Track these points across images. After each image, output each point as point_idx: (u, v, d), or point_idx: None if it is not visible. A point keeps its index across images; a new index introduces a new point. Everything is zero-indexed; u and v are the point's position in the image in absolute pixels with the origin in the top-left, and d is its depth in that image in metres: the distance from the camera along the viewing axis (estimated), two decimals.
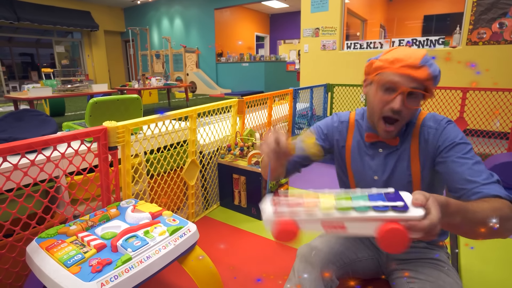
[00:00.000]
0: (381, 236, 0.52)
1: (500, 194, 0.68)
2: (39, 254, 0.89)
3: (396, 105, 0.77)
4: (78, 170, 1.17)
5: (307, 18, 5.28)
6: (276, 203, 0.60)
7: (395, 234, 0.51)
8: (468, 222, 0.61)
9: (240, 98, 2.22)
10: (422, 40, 4.29)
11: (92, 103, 1.52)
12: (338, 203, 0.56)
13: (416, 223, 0.51)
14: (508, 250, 1.66)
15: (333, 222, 0.56)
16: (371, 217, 0.53)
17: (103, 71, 13.03)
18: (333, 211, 0.55)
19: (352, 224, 0.55)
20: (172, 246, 0.98)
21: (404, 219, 0.52)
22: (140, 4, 12.52)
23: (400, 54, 0.78)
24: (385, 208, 0.53)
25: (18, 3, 9.91)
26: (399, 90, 0.77)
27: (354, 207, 0.55)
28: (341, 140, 0.98)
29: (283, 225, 0.57)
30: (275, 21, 13.62)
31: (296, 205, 0.58)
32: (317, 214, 0.56)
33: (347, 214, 0.54)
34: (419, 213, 0.52)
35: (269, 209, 0.60)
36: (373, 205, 0.54)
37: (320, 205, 0.57)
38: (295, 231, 0.57)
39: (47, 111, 5.91)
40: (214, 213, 2.12)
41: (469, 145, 0.78)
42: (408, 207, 0.53)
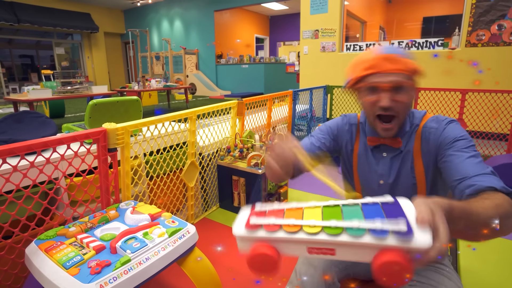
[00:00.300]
0: (378, 269, 0.43)
1: (495, 185, 0.65)
2: (38, 256, 0.89)
3: (383, 102, 0.78)
4: (78, 171, 1.17)
5: (306, 20, 5.29)
6: (252, 225, 0.51)
7: (396, 268, 0.42)
8: (472, 225, 0.56)
9: (239, 100, 2.22)
10: (421, 42, 4.30)
11: (92, 105, 1.52)
12: (326, 222, 0.47)
13: (423, 255, 0.43)
14: (508, 251, 1.66)
15: (320, 246, 0.47)
16: (366, 244, 0.44)
17: (103, 73, 13.05)
18: (320, 234, 0.46)
19: (342, 249, 0.46)
20: (171, 248, 0.98)
21: (409, 249, 0.42)
22: (140, 6, 12.55)
23: (361, 57, 0.83)
24: (385, 233, 0.43)
25: (18, 5, 9.93)
26: (380, 88, 0.78)
27: (346, 228, 0.45)
28: (350, 143, 0.97)
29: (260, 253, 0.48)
30: (275, 23, 13.65)
31: (275, 228, 0.49)
32: (301, 237, 0.47)
33: (337, 237, 0.45)
34: (426, 241, 0.42)
35: (242, 232, 0.51)
36: (370, 228, 0.44)
37: (304, 226, 0.47)
38: (275, 259, 0.48)
39: (46, 112, 5.91)
40: (213, 215, 2.12)
41: (469, 141, 0.77)
42: (412, 230, 0.43)
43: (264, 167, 2.04)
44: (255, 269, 0.50)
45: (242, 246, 0.52)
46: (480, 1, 3.75)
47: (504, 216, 0.58)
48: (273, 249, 0.49)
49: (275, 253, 0.49)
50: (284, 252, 0.49)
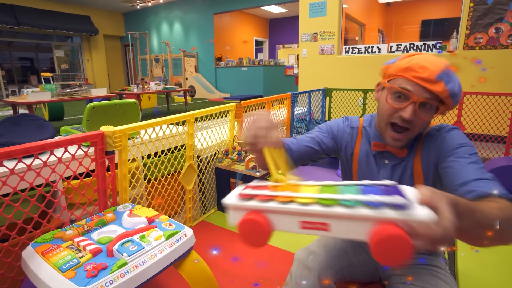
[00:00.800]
0: (375, 243, 0.39)
1: (496, 192, 0.63)
2: (34, 259, 0.89)
3: (406, 114, 0.74)
4: (75, 174, 1.18)
5: (305, 23, 5.31)
6: (244, 195, 0.49)
7: (395, 241, 0.38)
8: (477, 224, 0.52)
9: (238, 103, 2.23)
10: (420, 45, 4.32)
11: (90, 108, 1.52)
12: (321, 194, 0.44)
13: (425, 230, 0.38)
14: (505, 254, 1.66)
15: (313, 219, 0.43)
16: (362, 215, 0.40)
17: (102, 76, 13.07)
18: (314, 205, 0.43)
19: (337, 223, 0.42)
20: (168, 251, 0.98)
21: (408, 220, 0.38)
22: (140, 9, 12.60)
23: (416, 63, 0.73)
24: (382, 204, 0.40)
25: (18, 8, 9.96)
26: (411, 99, 0.74)
27: (340, 199, 0.42)
28: (349, 146, 0.95)
29: (251, 222, 0.46)
30: (274, 25, 13.70)
31: (268, 198, 0.47)
32: (294, 207, 0.44)
33: (331, 208, 0.42)
34: (428, 216, 0.38)
35: (234, 201, 0.49)
36: (366, 200, 0.41)
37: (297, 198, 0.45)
38: (267, 229, 0.46)
39: (46, 115, 5.91)
40: (211, 218, 2.12)
41: (471, 148, 0.75)
42: (410, 204, 0.39)
43: None
44: (246, 237, 0.48)
45: (234, 216, 0.49)
46: (478, 4, 3.77)
47: (508, 220, 0.55)
48: (264, 219, 0.46)
49: (266, 222, 0.46)
50: (276, 225, 0.47)
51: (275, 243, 1.76)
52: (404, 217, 0.38)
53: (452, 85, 0.72)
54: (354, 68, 4.87)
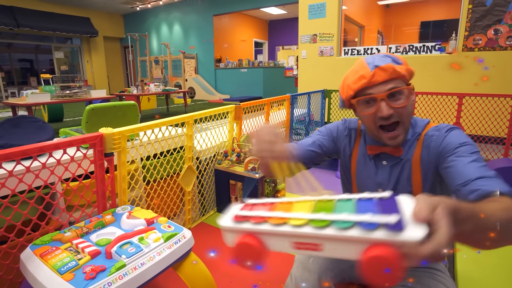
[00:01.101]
0: (364, 265, 0.39)
1: (501, 189, 0.61)
2: (33, 261, 0.89)
3: (383, 112, 0.76)
4: (74, 176, 1.18)
5: (305, 24, 5.32)
6: (239, 218, 0.50)
7: (383, 263, 0.38)
8: (480, 228, 0.50)
9: (237, 104, 2.23)
10: (419, 46, 4.32)
11: (89, 109, 1.52)
12: (313, 215, 0.45)
13: (414, 250, 0.38)
14: (504, 256, 1.66)
15: (305, 240, 0.44)
16: (353, 238, 0.40)
17: (102, 77, 13.08)
18: (305, 226, 0.43)
19: (329, 244, 0.43)
20: (167, 253, 0.98)
21: (398, 242, 0.38)
22: (140, 11, 12.62)
23: (350, 78, 0.81)
24: (373, 225, 0.39)
25: (18, 9, 9.98)
26: (377, 98, 0.77)
27: (333, 220, 0.42)
28: (348, 148, 0.95)
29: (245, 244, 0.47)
30: (274, 27, 13.73)
31: (262, 220, 0.47)
32: (286, 229, 0.45)
33: (323, 230, 0.42)
34: (418, 235, 0.37)
35: (229, 224, 0.50)
36: (358, 220, 0.41)
37: (289, 219, 0.45)
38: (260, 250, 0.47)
39: (45, 117, 5.91)
40: (211, 219, 2.11)
41: (473, 147, 0.74)
42: (403, 225, 0.39)
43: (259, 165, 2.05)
44: (240, 259, 0.49)
45: (229, 238, 0.50)
46: (477, 6, 3.78)
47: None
48: (258, 241, 0.47)
49: (260, 244, 0.47)
50: (270, 246, 0.47)
51: None
52: (394, 238, 0.38)
53: (384, 60, 0.77)
54: None
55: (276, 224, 0.46)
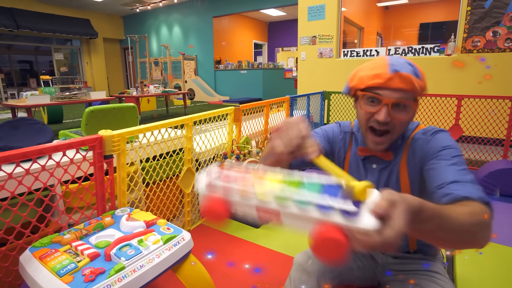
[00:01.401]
0: (314, 242, 0.43)
1: (472, 195, 0.61)
2: (32, 264, 0.89)
3: (380, 116, 0.75)
4: (73, 178, 1.18)
5: (304, 26, 5.34)
6: (213, 175, 0.55)
7: (331, 244, 0.41)
8: (443, 229, 0.52)
9: (236, 106, 2.23)
10: (418, 48, 4.34)
11: (88, 111, 1.53)
12: (280, 190, 0.48)
13: (363, 237, 0.41)
14: (505, 258, 1.67)
15: (268, 210, 0.48)
16: (310, 217, 0.44)
17: (101, 79, 13.09)
18: (270, 199, 0.47)
19: (288, 218, 0.47)
20: (166, 255, 0.98)
21: (350, 228, 0.41)
22: (139, 12, 12.64)
23: (366, 71, 0.78)
24: (330, 209, 0.43)
25: (18, 11, 9.99)
26: (383, 101, 0.75)
27: (295, 200, 0.46)
28: (342, 151, 0.96)
29: (212, 203, 0.52)
30: (273, 29, 13.76)
31: (232, 181, 0.52)
32: (252, 198, 0.49)
33: (285, 206, 0.46)
34: (370, 225, 0.40)
35: (203, 180, 0.55)
36: (318, 203, 0.44)
37: (257, 189, 0.49)
38: (224, 212, 0.52)
39: (45, 118, 5.91)
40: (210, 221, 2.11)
41: (455, 150, 0.74)
42: (359, 214, 0.42)
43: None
44: (208, 218, 0.54)
45: (201, 198, 0.55)
46: (475, 8, 3.79)
47: (478, 225, 0.56)
48: (223, 206, 0.52)
49: (224, 208, 0.52)
50: (235, 209, 0.52)
51: (274, 247, 1.76)
52: (346, 223, 0.41)
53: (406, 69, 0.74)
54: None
55: (244, 196, 0.50)
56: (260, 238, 1.87)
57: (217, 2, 10.45)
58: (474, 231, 0.55)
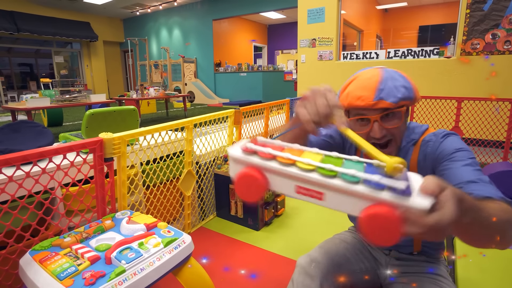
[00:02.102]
0: (364, 220, 0.40)
1: (494, 195, 0.61)
2: (32, 267, 0.88)
3: (375, 134, 0.76)
4: (74, 181, 1.17)
5: (304, 29, 5.35)
6: (248, 150, 0.48)
7: (384, 222, 0.38)
8: (478, 222, 0.50)
9: (236, 109, 2.23)
10: (417, 51, 4.35)
11: (89, 114, 1.53)
12: (322, 164, 0.44)
13: (417, 217, 0.38)
14: (506, 260, 1.66)
15: (309, 186, 0.44)
16: (358, 193, 0.40)
17: (101, 81, 13.11)
18: (313, 172, 0.43)
19: (332, 195, 0.42)
20: (167, 258, 0.97)
21: (402, 205, 0.38)
22: (139, 15, 12.68)
23: (352, 96, 0.77)
24: (381, 186, 0.39)
25: (18, 14, 10.02)
26: (371, 119, 0.76)
27: (341, 172, 0.42)
28: (352, 149, 0.97)
29: (248, 177, 0.46)
30: (273, 31, 13.80)
31: (270, 157, 0.46)
32: (293, 171, 0.44)
33: (330, 180, 0.42)
34: (424, 204, 0.38)
35: (237, 154, 0.48)
36: (366, 178, 0.40)
37: (298, 163, 0.45)
38: (262, 185, 0.46)
39: (45, 121, 5.91)
40: (210, 224, 2.11)
41: (469, 153, 0.74)
42: (410, 191, 0.39)
43: None
44: (241, 191, 0.48)
45: (233, 168, 0.49)
46: (474, 11, 3.81)
47: (509, 223, 0.55)
48: (262, 176, 0.47)
49: (263, 179, 0.47)
50: (272, 184, 0.47)
51: (276, 250, 1.76)
52: (399, 201, 0.38)
53: (393, 95, 0.74)
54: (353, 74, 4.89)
55: (284, 164, 0.45)
56: (262, 241, 1.87)
57: (217, 5, 10.48)
58: (506, 228, 0.54)
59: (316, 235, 1.88)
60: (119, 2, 10.62)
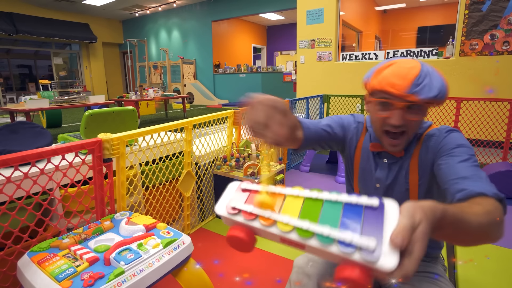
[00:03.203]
0: (337, 278, 0.46)
1: (487, 191, 0.62)
2: (30, 268, 0.88)
3: (395, 120, 0.76)
4: (72, 182, 1.17)
5: (303, 30, 5.36)
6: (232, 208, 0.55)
7: (352, 282, 0.44)
8: (462, 231, 0.53)
9: (236, 110, 2.23)
10: (416, 51, 4.36)
11: (88, 115, 1.52)
12: (300, 222, 0.50)
13: (384, 275, 0.43)
14: (504, 260, 1.66)
15: (290, 241, 0.51)
16: (332, 253, 0.46)
17: (101, 83, 13.10)
18: (292, 233, 0.49)
19: (311, 250, 0.49)
20: (166, 259, 0.97)
21: (370, 266, 0.43)
22: (139, 17, 12.69)
23: (386, 81, 0.75)
24: (352, 247, 0.45)
25: (17, 15, 10.01)
26: (395, 106, 0.75)
27: (316, 233, 0.48)
28: (355, 139, 0.97)
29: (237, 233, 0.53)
30: (272, 32, 13.82)
31: (252, 217, 0.53)
32: (273, 228, 0.51)
33: (307, 240, 0.48)
34: (390, 265, 0.42)
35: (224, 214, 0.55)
36: (339, 238, 0.46)
37: (278, 223, 0.51)
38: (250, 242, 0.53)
39: (43, 122, 5.90)
40: (210, 225, 2.10)
41: (469, 149, 0.74)
42: (380, 251, 0.43)
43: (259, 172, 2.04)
44: (233, 246, 0.55)
45: (225, 222, 0.56)
46: (473, 12, 3.82)
47: (494, 224, 0.57)
48: (249, 233, 0.53)
49: (250, 236, 0.53)
50: (260, 235, 0.54)
51: (274, 250, 1.75)
52: (366, 263, 0.43)
53: (427, 92, 0.72)
54: (352, 75, 4.90)
55: (265, 225, 0.52)
56: (260, 241, 1.85)
57: (216, 7, 10.49)
58: (489, 230, 0.56)
59: None
60: (118, 4, 10.62)
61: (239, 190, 0.59)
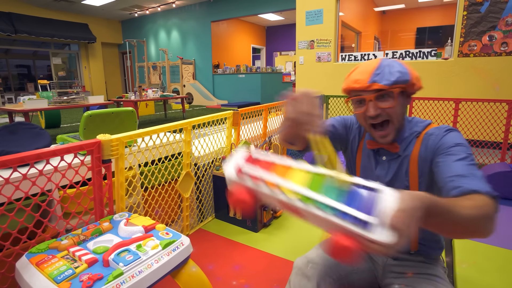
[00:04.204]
0: (328, 244, 0.48)
1: (481, 189, 0.65)
2: (28, 270, 0.87)
3: (369, 112, 0.82)
4: (71, 183, 1.17)
5: (302, 30, 5.36)
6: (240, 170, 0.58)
7: (344, 249, 0.47)
8: (450, 222, 0.57)
9: (235, 110, 2.23)
10: (415, 52, 4.36)
11: (87, 116, 1.52)
12: (305, 189, 0.53)
13: (374, 246, 0.46)
14: (503, 260, 1.66)
15: (292, 207, 0.53)
16: (329, 220, 0.49)
17: (100, 83, 13.08)
18: (295, 199, 0.52)
19: (310, 216, 0.52)
20: (165, 260, 0.97)
21: (363, 237, 0.46)
22: (138, 17, 12.68)
23: (351, 80, 0.85)
24: (348, 217, 0.48)
25: (16, 15, 9.99)
26: (366, 99, 0.82)
27: (318, 201, 0.51)
28: (356, 139, 1.00)
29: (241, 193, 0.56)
30: (271, 33, 13.82)
31: (260, 182, 0.56)
32: (279, 193, 0.53)
33: (307, 207, 0.51)
34: (385, 239, 0.45)
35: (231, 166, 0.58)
36: (338, 208, 0.49)
37: (284, 188, 0.53)
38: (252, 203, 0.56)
39: (42, 123, 5.89)
40: (209, 226, 2.10)
41: (466, 148, 0.76)
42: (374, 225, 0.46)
43: None
44: (234, 206, 0.58)
45: (231, 185, 0.59)
46: (471, 13, 3.83)
47: (483, 218, 0.59)
48: (251, 196, 0.56)
49: (252, 199, 0.56)
50: (262, 198, 0.57)
51: (274, 251, 1.75)
52: (361, 233, 0.46)
53: (387, 78, 0.79)
54: None
55: (272, 189, 0.54)
56: (260, 242, 1.86)
57: (215, 7, 10.49)
58: (478, 223, 0.59)
59: (314, 236, 1.88)
60: (118, 4, 10.61)
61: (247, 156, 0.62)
